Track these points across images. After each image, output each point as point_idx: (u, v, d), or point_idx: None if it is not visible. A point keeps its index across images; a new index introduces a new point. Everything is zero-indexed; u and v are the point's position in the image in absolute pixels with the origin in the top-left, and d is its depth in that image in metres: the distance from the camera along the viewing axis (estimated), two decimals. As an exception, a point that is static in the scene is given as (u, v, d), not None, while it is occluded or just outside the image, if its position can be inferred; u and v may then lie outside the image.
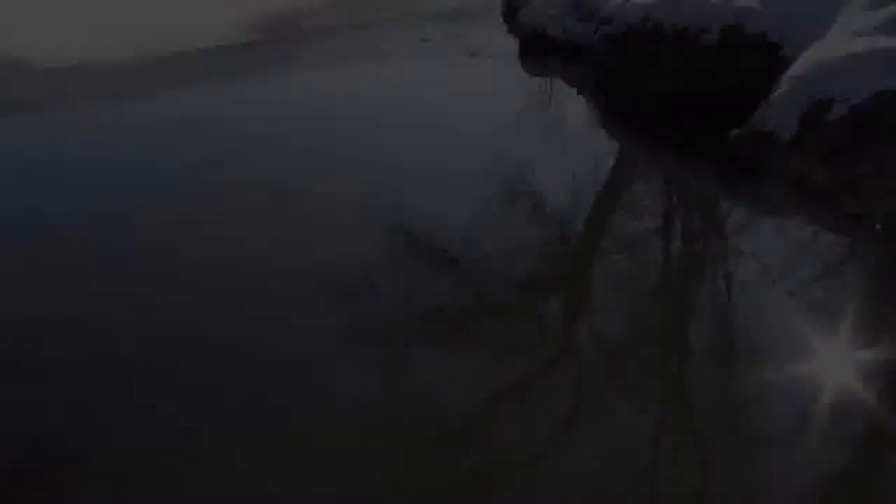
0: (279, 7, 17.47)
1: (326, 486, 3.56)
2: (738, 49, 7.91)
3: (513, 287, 5.29)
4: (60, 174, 7.91)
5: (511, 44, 12.94)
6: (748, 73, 7.83)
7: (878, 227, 5.46)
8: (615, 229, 6.15)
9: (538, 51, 12.03)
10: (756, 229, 5.93)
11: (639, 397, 4.14)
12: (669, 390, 4.27)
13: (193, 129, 9.25)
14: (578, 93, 10.11)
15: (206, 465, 3.76)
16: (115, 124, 9.59)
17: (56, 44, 14.10)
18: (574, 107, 9.68)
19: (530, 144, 7.97)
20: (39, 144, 9.03)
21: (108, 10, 18.11)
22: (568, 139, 8.22)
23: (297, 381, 4.39)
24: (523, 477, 3.56)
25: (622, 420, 3.91)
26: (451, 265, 5.63)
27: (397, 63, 11.81)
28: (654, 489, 3.49)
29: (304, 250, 5.94)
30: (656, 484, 3.52)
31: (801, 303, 4.77)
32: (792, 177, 6.33)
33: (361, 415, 4.05)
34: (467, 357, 4.54)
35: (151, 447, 3.87)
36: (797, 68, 6.86)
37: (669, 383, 4.33)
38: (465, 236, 5.94)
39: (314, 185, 7.19)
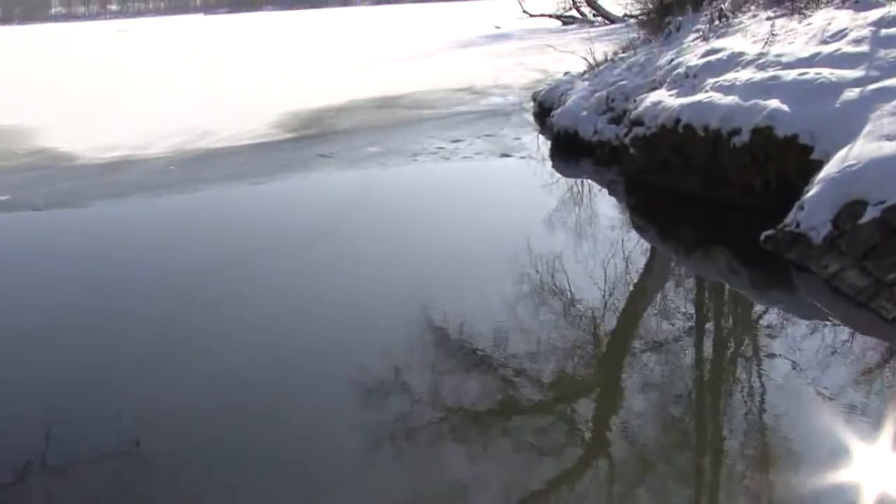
0: (317, 106, 17.95)
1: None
2: (769, 151, 7.96)
3: (543, 387, 5.24)
4: (103, 269, 8.06)
5: (543, 144, 13.12)
6: (779, 174, 7.86)
7: (915, 330, 5.38)
8: (647, 330, 6.09)
9: (570, 151, 12.17)
10: (790, 331, 5.84)
11: (671, 503, 4.04)
12: (702, 495, 4.17)
13: (231, 225, 9.42)
14: (610, 193, 10.17)
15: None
16: (154, 221, 9.80)
17: (100, 140, 14.55)
18: (605, 207, 9.73)
19: (562, 244, 8.00)
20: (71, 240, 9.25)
21: (146, 109, 18.74)
22: (599, 239, 8.23)
23: (324, 477, 4.35)
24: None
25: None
26: (481, 363, 5.59)
27: (430, 162, 11.99)
28: None
29: (334, 345, 5.96)
30: None
31: (838, 407, 4.67)
32: (826, 279, 6.28)
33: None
34: (497, 457, 4.48)
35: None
36: (829, 170, 6.88)
37: (702, 488, 4.22)
38: (496, 334, 5.93)
39: (345, 281, 7.24)
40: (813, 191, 6.85)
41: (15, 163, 13.36)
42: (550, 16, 43.06)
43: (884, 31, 8.33)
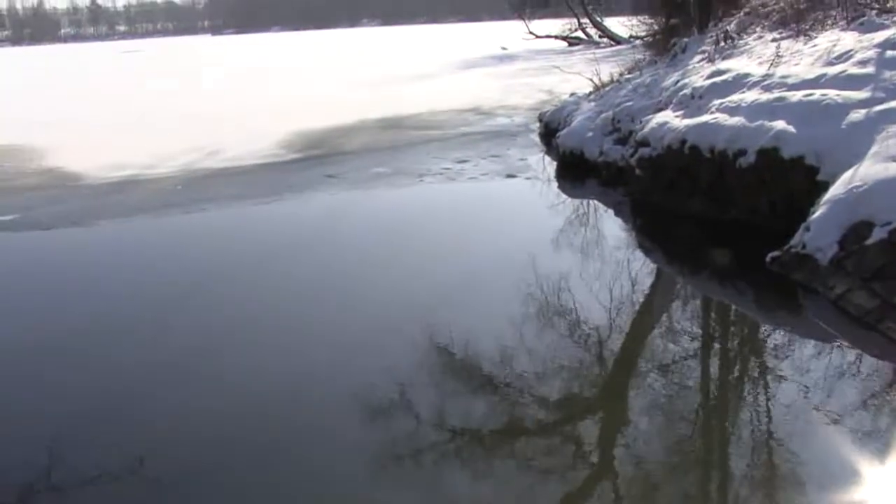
0: (324, 126, 18.02)
1: None
2: (775, 172, 7.96)
3: (549, 407, 5.22)
4: (109, 288, 8.08)
5: (548, 165, 13.14)
6: (785, 195, 7.86)
7: (923, 352, 5.35)
8: (653, 351, 6.07)
9: (575, 172, 12.20)
10: (796, 353, 5.82)
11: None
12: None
13: (238, 244, 9.43)
14: (616, 214, 10.18)
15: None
16: (161, 240, 9.84)
17: (107, 160, 14.62)
18: (611, 227, 9.72)
19: (567, 264, 7.99)
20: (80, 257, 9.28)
21: (153, 129, 18.84)
22: (605, 259, 8.23)
23: (329, 498, 4.34)
24: None
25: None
26: (486, 384, 5.58)
27: (436, 183, 12.02)
28: None
29: (340, 365, 5.95)
30: None
31: (845, 430, 4.64)
32: (832, 300, 6.26)
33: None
34: (503, 477, 4.47)
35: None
36: (835, 191, 6.88)
37: (710, 512, 4.20)
38: (502, 355, 5.92)
39: (352, 302, 7.24)
40: (819, 212, 6.84)
41: (23, 182, 13.42)
42: (556, 37, 43.35)
43: (889, 53, 8.36)
